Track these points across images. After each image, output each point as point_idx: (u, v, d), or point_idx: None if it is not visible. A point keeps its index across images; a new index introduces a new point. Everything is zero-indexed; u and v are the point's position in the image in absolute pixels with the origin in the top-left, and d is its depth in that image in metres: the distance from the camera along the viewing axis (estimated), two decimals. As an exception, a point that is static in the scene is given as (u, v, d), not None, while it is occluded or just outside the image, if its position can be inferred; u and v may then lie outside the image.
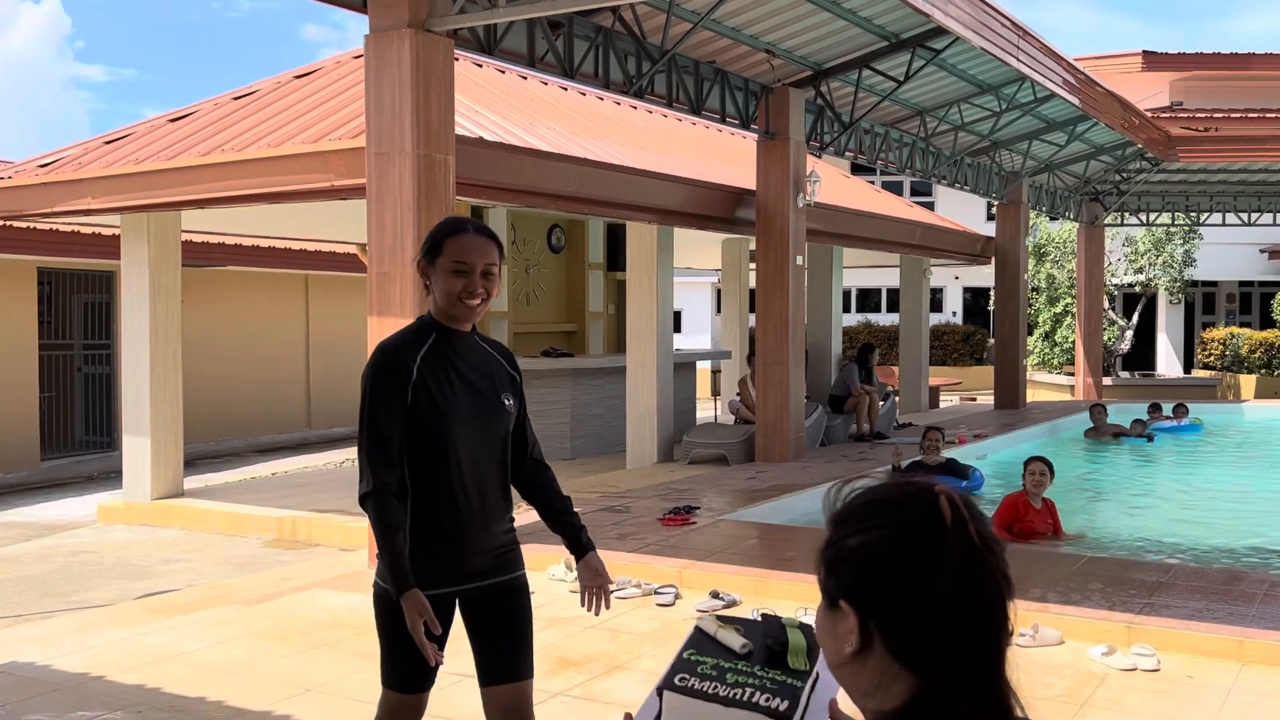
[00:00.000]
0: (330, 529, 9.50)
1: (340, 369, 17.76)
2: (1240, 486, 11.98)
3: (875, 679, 1.26)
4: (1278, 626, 5.41)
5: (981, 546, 1.24)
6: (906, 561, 1.24)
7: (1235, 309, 30.07)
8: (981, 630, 1.23)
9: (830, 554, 1.31)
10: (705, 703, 1.70)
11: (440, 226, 3.06)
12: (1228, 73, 24.96)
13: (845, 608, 1.27)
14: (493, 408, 3.04)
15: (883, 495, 1.31)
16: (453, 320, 3.02)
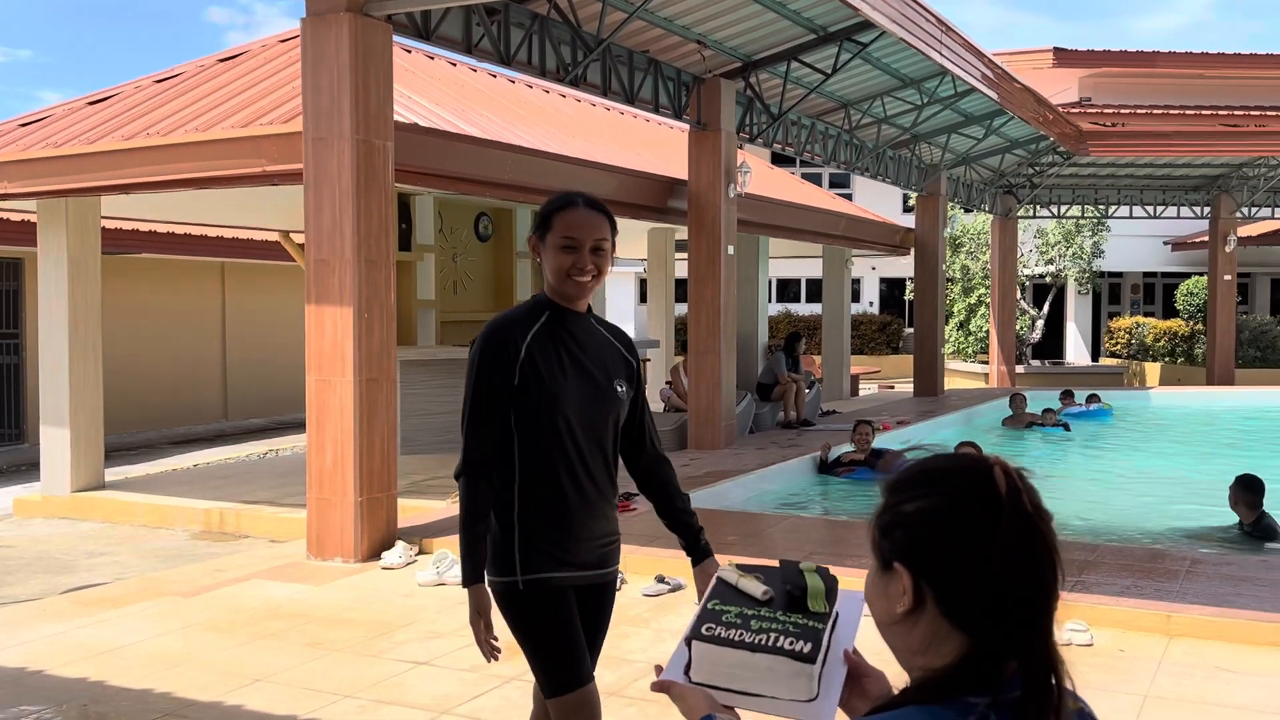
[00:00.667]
0: (260, 520, 9.37)
1: (259, 359, 17.47)
2: (1152, 469, 12.41)
3: (926, 638, 1.32)
4: (1201, 601, 5.65)
5: (1035, 515, 1.29)
6: (961, 527, 1.29)
7: (1140, 299, 31.06)
8: (1033, 596, 1.28)
9: (886, 519, 1.36)
10: (732, 649, 1.76)
11: (550, 201, 2.91)
12: (1134, 70, 25.74)
13: (900, 569, 1.32)
14: (604, 394, 2.90)
15: (939, 464, 1.36)
16: (564, 299, 2.88)
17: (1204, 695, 4.64)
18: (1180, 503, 9.84)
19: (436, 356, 12.77)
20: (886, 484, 1.40)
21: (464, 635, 5.56)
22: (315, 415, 7.26)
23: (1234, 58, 26.22)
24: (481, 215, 15.36)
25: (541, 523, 2.84)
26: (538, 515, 2.84)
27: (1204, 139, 19.20)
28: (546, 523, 2.84)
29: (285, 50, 10.28)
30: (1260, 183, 21.35)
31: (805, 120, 13.83)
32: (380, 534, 7.25)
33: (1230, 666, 4.97)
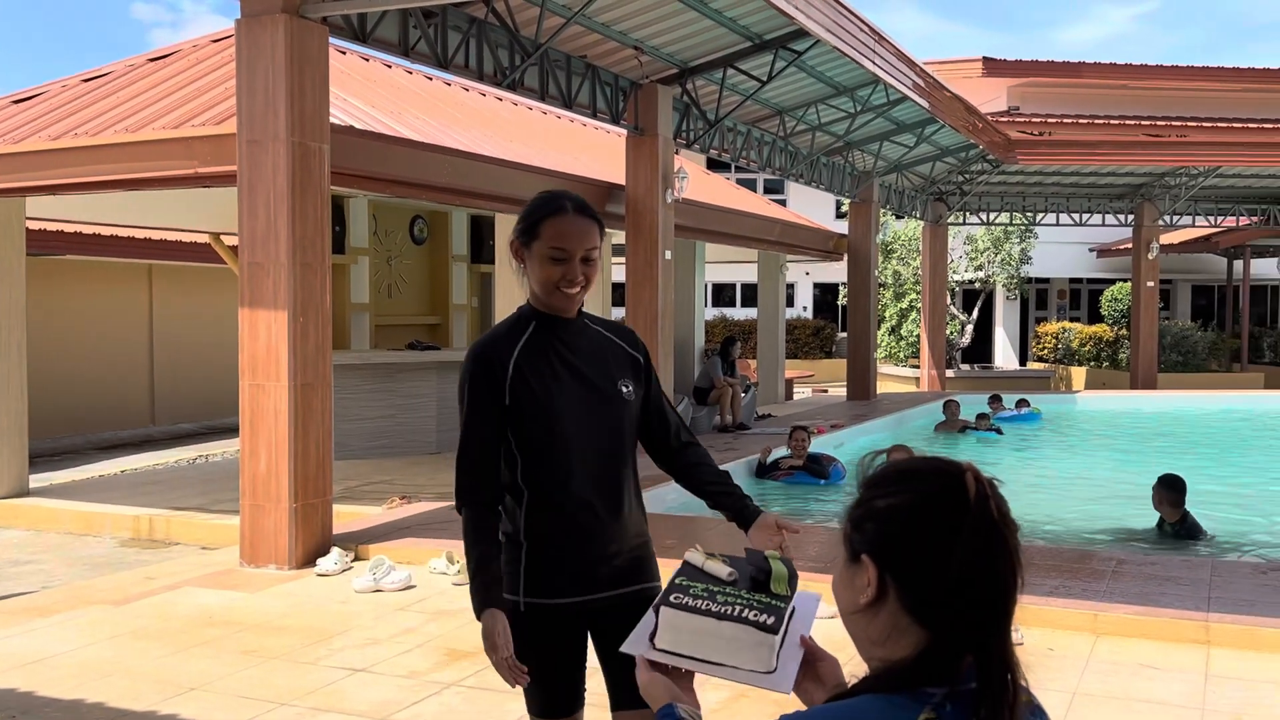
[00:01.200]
0: (191, 527, 9.23)
1: (187, 363, 17.17)
2: (1079, 471, 12.69)
3: (886, 630, 1.37)
4: (1127, 600, 5.80)
5: (999, 522, 1.34)
6: (929, 525, 1.34)
7: (1066, 304, 31.72)
8: (991, 597, 1.33)
9: (859, 512, 1.42)
10: (699, 616, 1.85)
11: (536, 205, 2.69)
12: (1061, 80, 26.26)
13: (866, 560, 1.38)
14: (608, 398, 2.71)
15: (914, 465, 1.42)
16: (552, 309, 2.70)
17: (1129, 692, 4.77)
18: (1106, 504, 10.08)
19: (371, 361, 12.67)
20: (864, 480, 1.45)
21: (401, 642, 5.54)
22: (249, 420, 7.17)
23: (1156, 69, 26.88)
24: (417, 218, 15.29)
25: (546, 544, 2.68)
26: (543, 536, 2.68)
27: (1128, 149, 19.68)
28: (552, 544, 2.67)
29: (217, 50, 10.14)
30: (1181, 192, 21.93)
31: (741, 126, 13.94)
32: (315, 540, 7.18)
33: (1154, 663, 5.11)
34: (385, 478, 10.96)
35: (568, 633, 2.72)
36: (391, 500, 9.08)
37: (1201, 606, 5.61)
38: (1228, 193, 23.24)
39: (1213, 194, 23.13)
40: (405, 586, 6.56)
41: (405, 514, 8.42)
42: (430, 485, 10.16)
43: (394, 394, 12.81)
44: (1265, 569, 6.46)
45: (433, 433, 13.00)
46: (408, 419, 12.90)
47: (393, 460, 12.33)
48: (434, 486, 10.06)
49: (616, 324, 2.92)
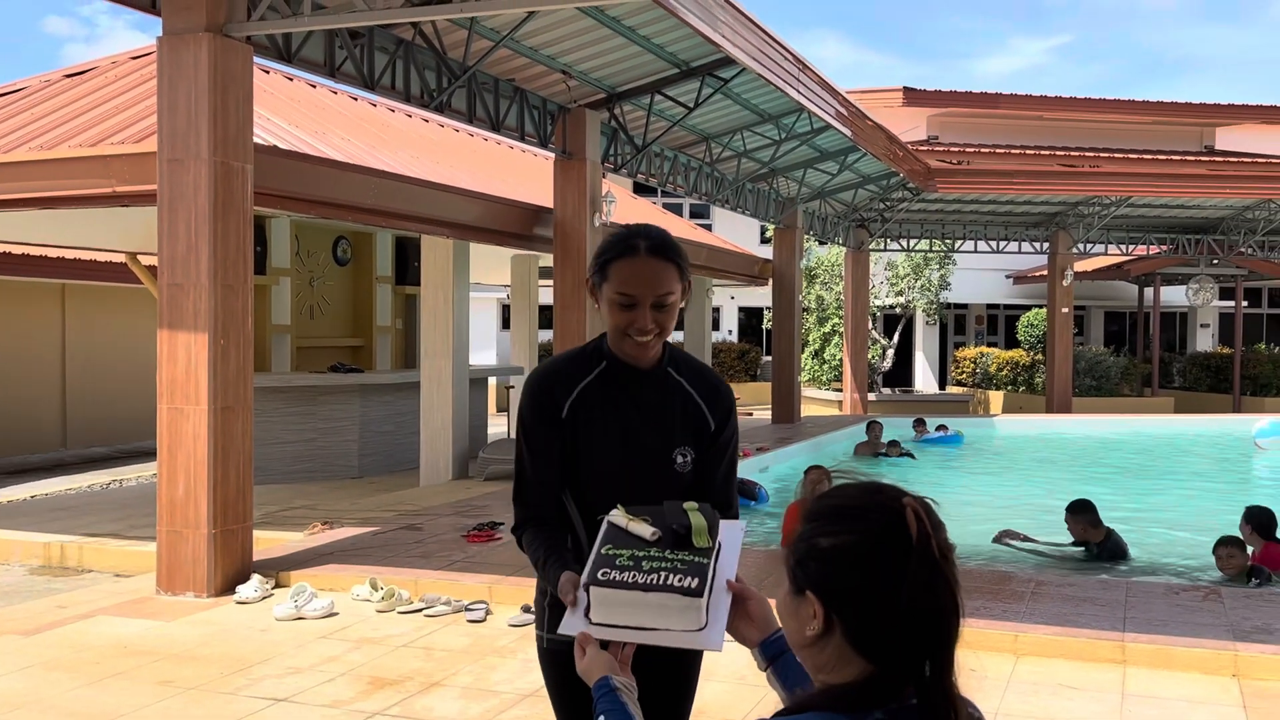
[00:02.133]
0: (104, 554, 8.99)
1: (101, 385, 16.75)
2: (998, 494, 12.92)
3: (832, 661, 1.40)
4: (1045, 621, 5.91)
5: (940, 559, 1.37)
6: (871, 567, 1.37)
7: (984, 329, 32.35)
8: (934, 634, 1.36)
9: (802, 549, 1.44)
10: (626, 590, 1.94)
11: (609, 243, 2.45)
12: (979, 110, 26.89)
13: (811, 597, 1.40)
14: (657, 465, 2.48)
15: (855, 500, 1.43)
16: (627, 356, 2.48)
17: (1049, 712, 4.85)
18: (1024, 527, 10.27)
19: (292, 383, 12.49)
20: (805, 513, 1.47)
21: (324, 670, 5.45)
22: (167, 445, 7.01)
23: (1070, 101, 27.66)
24: (340, 239, 15.12)
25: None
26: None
27: (1043, 178, 20.19)
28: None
29: (137, 67, 9.97)
30: (1094, 220, 22.53)
31: (668, 152, 14.04)
32: (235, 567, 7.04)
33: (1073, 683, 5.21)
34: (307, 503, 10.79)
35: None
36: (313, 526, 8.94)
37: (1118, 626, 5.74)
38: (1138, 222, 23.94)
39: (1124, 223, 23.81)
40: (327, 614, 6.45)
41: (327, 540, 8.30)
42: (353, 510, 10.02)
43: (315, 417, 12.63)
44: (1178, 590, 6.63)
45: (355, 457, 12.84)
46: (330, 443, 12.72)
47: (314, 485, 12.15)
48: (356, 512, 9.92)
49: (710, 378, 2.61)
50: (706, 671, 5.35)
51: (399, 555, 7.70)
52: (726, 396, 2.58)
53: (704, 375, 2.59)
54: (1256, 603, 6.28)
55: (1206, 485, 14.27)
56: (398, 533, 8.60)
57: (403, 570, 7.16)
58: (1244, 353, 25.95)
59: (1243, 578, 7.33)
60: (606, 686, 1.86)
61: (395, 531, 8.64)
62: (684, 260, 2.46)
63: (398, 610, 6.53)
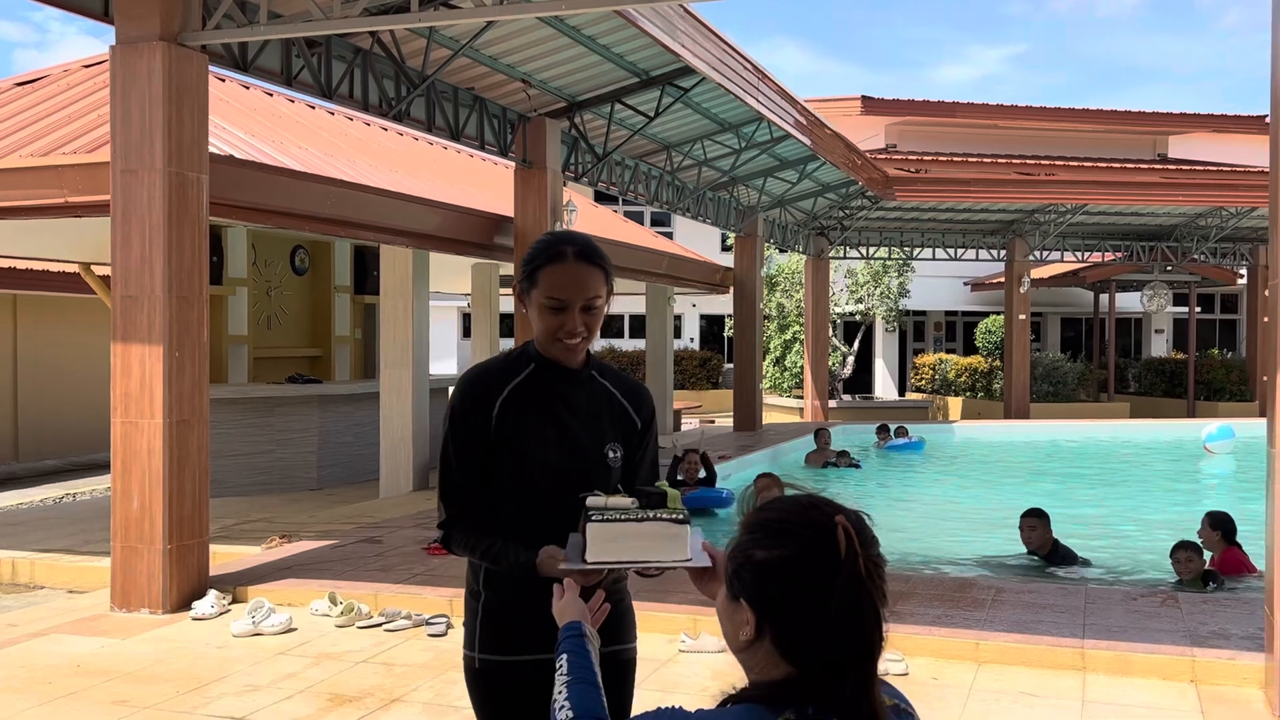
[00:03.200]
0: (56, 570, 8.84)
1: (54, 397, 16.49)
2: (958, 500, 13.00)
3: (762, 664, 1.49)
4: (1006, 628, 5.95)
5: (866, 576, 1.44)
6: (800, 582, 1.45)
7: (942, 336, 32.61)
8: (857, 648, 1.44)
9: (739, 558, 1.53)
10: (622, 523, 2.18)
11: (536, 250, 2.54)
12: (936, 119, 27.15)
13: (745, 606, 1.49)
14: (590, 461, 2.55)
15: (790, 516, 1.50)
16: (554, 358, 2.57)
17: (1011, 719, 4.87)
18: (985, 533, 10.34)
19: (249, 395, 12.35)
20: (744, 523, 1.56)
21: (283, 687, 5.38)
22: (121, 459, 6.90)
23: (1026, 110, 27.99)
24: (298, 248, 15.00)
25: (504, 598, 2.54)
26: (501, 589, 2.54)
27: (1000, 186, 20.39)
28: (510, 598, 2.53)
29: (89, 76, 9.83)
30: (1051, 228, 22.78)
31: (629, 161, 14.04)
32: (191, 583, 6.93)
33: (1034, 691, 5.24)
34: (264, 515, 10.66)
35: (526, 693, 2.51)
36: (271, 540, 8.83)
37: (1077, 633, 5.78)
38: (1093, 229, 24.24)
39: (1080, 230, 24.10)
40: (286, 629, 6.36)
41: (285, 554, 8.20)
42: (311, 523, 9.91)
43: (273, 429, 12.50)
44: (1135, 595, 6.69)
45: (314, 468, 12.71)
46: (288, 454, 12.59)
47: (272, 497, 12.01)
48: (315, 525, 9.82)
49: (630, 382, 2.72)
50: (672, 683, 5.34)
51: (359, 569, 7.62)
52: (648, 398, 2.73)
53: (625, 380, 2.71)
54: (1213, 608, 6.35)
55: (1160, 490, 14.45)
56: (357, 545, 8.51)
57: (362, 584, 7.09)
58: (1197, 358, 26.32)
59: (1198, 582, 7.42)
60: (577, 630, 2.01)
61: (355, 545, 8.56)
62: (609, 265, 2.56)
63: (357, 625, 6.45)
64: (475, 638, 2.57)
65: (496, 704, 2.55)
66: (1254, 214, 22.11)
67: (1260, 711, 4.94)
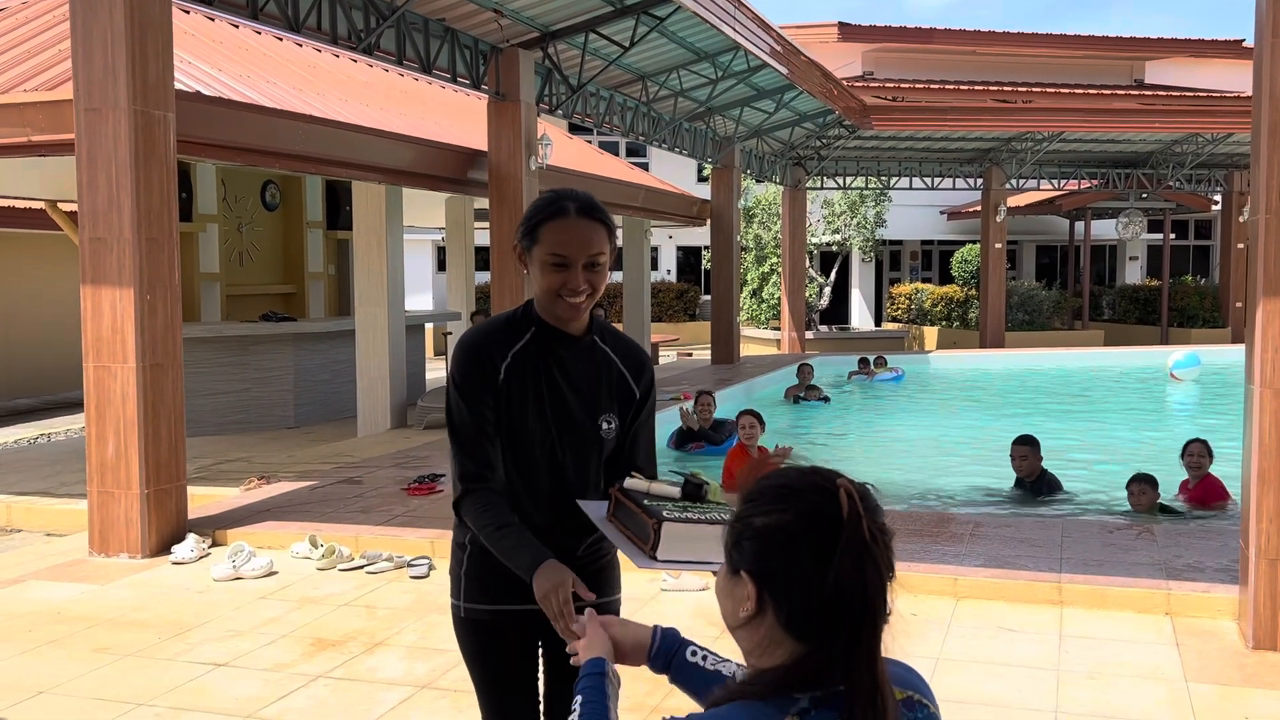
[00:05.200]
0: (33, 513, 8.76)
1: (25, 335, 16.30)
2: (936, 433, 13.08)
3: (764, 642, 1.42)
4: (983, 564, 6.00)
5: (871, 541, 1.37)
6: (802, 547, 1.38)
7: (919, 266, 32.63)
8: (862, 614, 1.37)
9: (739, 528, 1.46)
10: (690, 525, 2.23)
11: (537, 207, 2.49)
12: (913, 46, 26.89)
13: (745, 578, 1.42)
14: (584, 431, 2.55)
15: (791, 480, 1.44)
16: (556, 319, 2.52)
17: (990, 654, 4.93)
18: (963, 466, 10.42)
19: (223, 333, 12.23)
20: (744, 493, 1.49)
21: (265, 632, 5.38)
22: (94, 404, 6.82)
23: (1003, 36, 27.76)
24: (269, 183, 14.77)
25: (489, 551, 2.52)
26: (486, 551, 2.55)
27: (977, 114, 20.28)
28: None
29: (50, 8, 9.56)
30: (1028, 156, 22.71)
31: (604, 92, 13.84)
32: (170, 527, 6.90)
33: (1012, 625, 5.30)
34: (242, 455, 10.62)
35: (511, 640, 2.59)
36: (249, 481, 8.80)
37: (1054, 568, 5.84)
38: (1070, 156, 24.18)
39: (1056, 158, 24.03)
40: (267, 573, 6.36)
41: (264, 495, 8.17)
42: (290, 463, 9.88)
43: (248, 368, 12.40)
44: (1112, 529, 6.76)
45: (290, 407, 12.65)
46: (263, 393, 12.51)
47: (249, 436, 11.96)
48: (294, 465, 9.79)
49: (634, 350, 2.67)
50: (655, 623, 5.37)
51: (338, 510, 7.61)
52: (648, 365, 2.68)
53: (629, 347, 2.67)
54: (1188, 540, 6.43)
55: (1131, 417, 14.58)
56: (337, 486, 8.50)
57: (343, 526, 7.08)
58: (1171, 285, 26.47)
59: (1154, 513, 7.52)
60: (598, 669, 1.84)
61: (334, 485, 8.54)
62: (611, 222, 2.53)
63: (338, 568, 6.45)
64: (461, 587, 2.61)
65: (484, 652, 2.60)
66: (1230, 140, 22.10)
67: (1234, 643, 5.02)
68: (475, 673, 2.64)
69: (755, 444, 9.10)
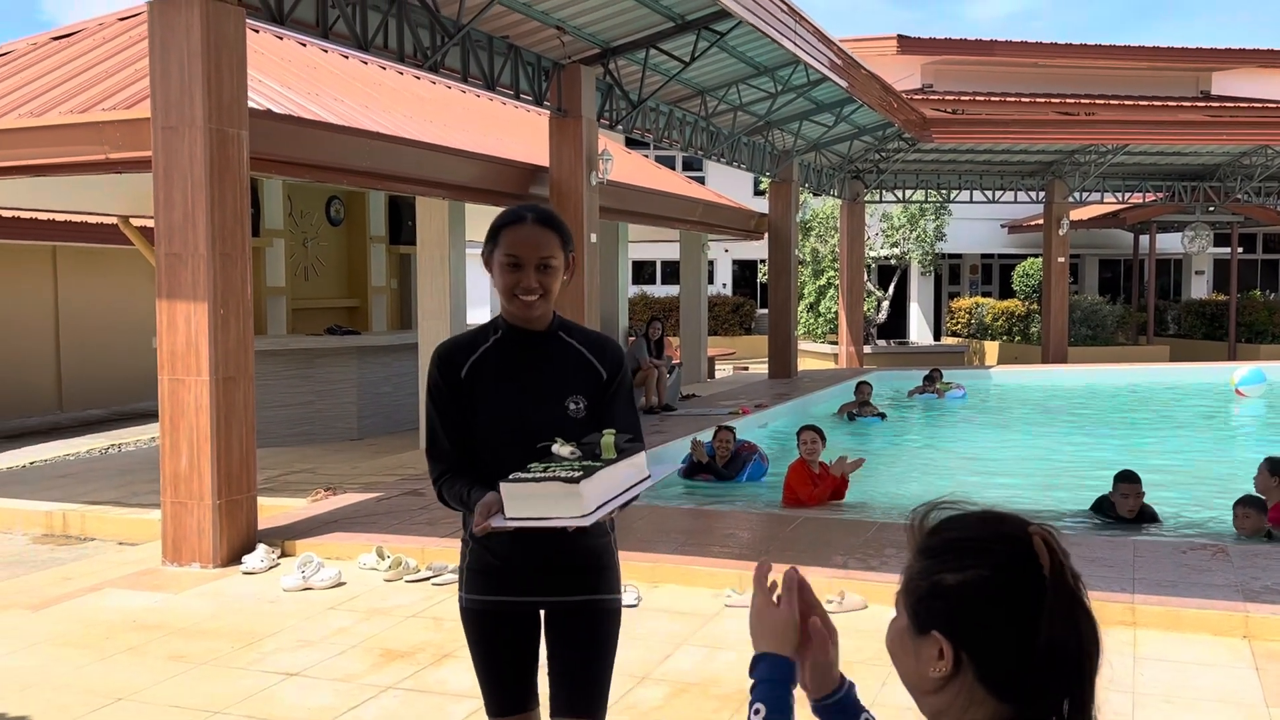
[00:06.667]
0: (106, 522, 8.96)
1: (96, 347, 16.66)
2: (999, 450, 12.92)
3: (961, 703, 1.34)
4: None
5: (1076, 587, 1.32)
6: (1005, 603, 1.31)
7: (978, 279, 32.30)
8: (1076, 668, 1.31)
9: (924, 587, 1.37)
10: (521, 484, 2.40)
11: (500, 215, 2.81)
12: (973, 57, 26.65)
13: (938, 637, 1.35)
14: (549, 414, 2.74)
15: (976, 532, 1.38)
16: (515, 319, 2.79)
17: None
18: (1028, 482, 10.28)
19: (288, 346, 12.41)
20: (921, 546, 1.41)
21: (334, 643, 5.45)
22: (169, 416, 6.96)
23: (1065, 47, 27.42)
24: (333, 199, 14.98)
25: (487, 544, 2.76)
26: (484, 538, 2.73)
27: (1039, 126, 20.05)
28: (489, 543, 2.75)
29: (125, 29, 9.79)
30: (1091, 169, 22.41)
31: (664, 107, 13.89)
32: (240, 537, 7.02)
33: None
34: (307, 466, 10.76)
35: (510, 632, 2.82)
36: (316, 493, 8.91)
37: (1127, 588, 5.75)
38: (1134, 169, 23.83)
39: (1120, 170, 23.69)
40: (335, 584, 6.44)
41: (331, 506, 8.28)
42: (355, 475, 10.00)
43: (313, 380, 12.57)
44: (1184, 548, 6.64)
45: (354, 419, 12.80)
46: (327, 405, 12.68)
47: (314, 447, 12.11)
48: (359, 476, 9.91)
49: (597, 337, 2.94)
50: (719, 639, 5.36)
51: (404, 522, 7.69)
52: (614, 349, 2.91)
53: (590, 335, 2.93)
54: (1264, 561, 6.30)
55: (1198, 435, 14.30)
56: (402, 498, 8.58)
57: (409, 538, 7.15)
58: (1239, 299, 25.96)
59: (1260, 538, 7.24)
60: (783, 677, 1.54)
61: (399, 497, 8.63)
62: (566, 233, 2.81)
63: (405, 579, 6.52)
64: (463, 580, 2.87)
65: (482, 641, 2.83)
66: (1300, 152, 21.65)
67: (1315, 667, 4.91)
68: (476, 661, 2.88)
69: (817, 459, 9.06)
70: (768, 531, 7.50)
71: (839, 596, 5.85)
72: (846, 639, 5.60)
